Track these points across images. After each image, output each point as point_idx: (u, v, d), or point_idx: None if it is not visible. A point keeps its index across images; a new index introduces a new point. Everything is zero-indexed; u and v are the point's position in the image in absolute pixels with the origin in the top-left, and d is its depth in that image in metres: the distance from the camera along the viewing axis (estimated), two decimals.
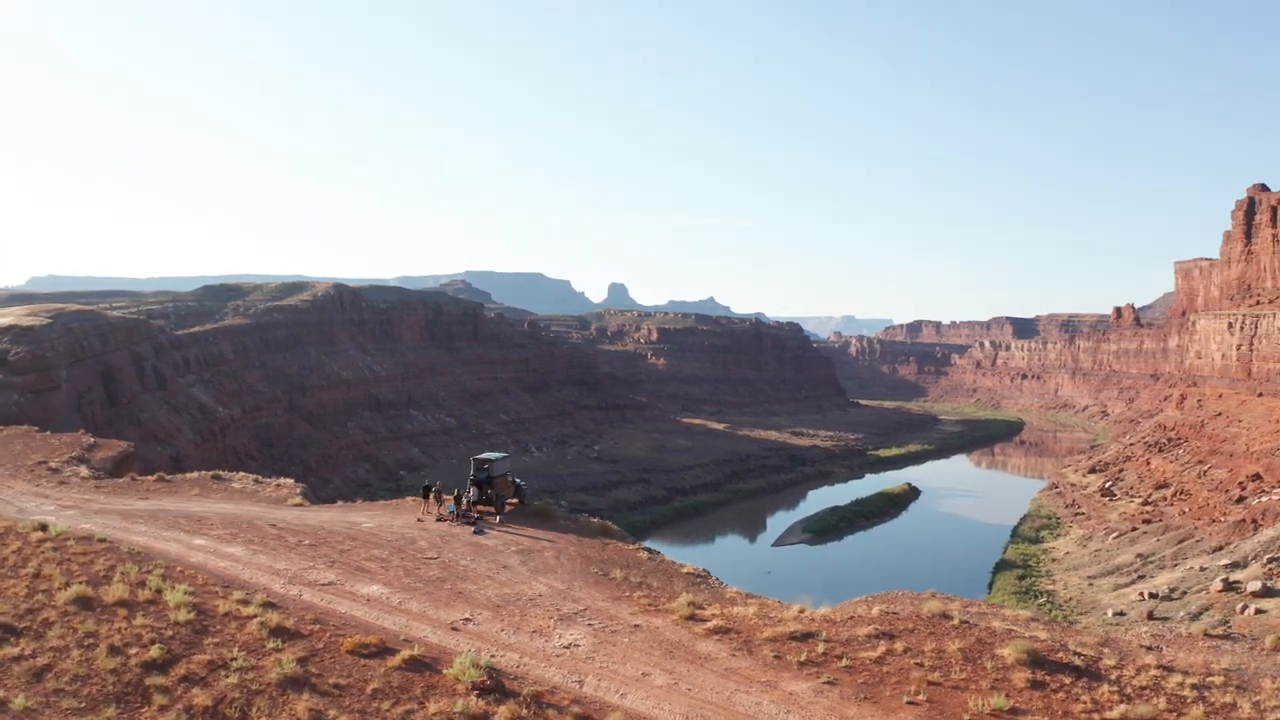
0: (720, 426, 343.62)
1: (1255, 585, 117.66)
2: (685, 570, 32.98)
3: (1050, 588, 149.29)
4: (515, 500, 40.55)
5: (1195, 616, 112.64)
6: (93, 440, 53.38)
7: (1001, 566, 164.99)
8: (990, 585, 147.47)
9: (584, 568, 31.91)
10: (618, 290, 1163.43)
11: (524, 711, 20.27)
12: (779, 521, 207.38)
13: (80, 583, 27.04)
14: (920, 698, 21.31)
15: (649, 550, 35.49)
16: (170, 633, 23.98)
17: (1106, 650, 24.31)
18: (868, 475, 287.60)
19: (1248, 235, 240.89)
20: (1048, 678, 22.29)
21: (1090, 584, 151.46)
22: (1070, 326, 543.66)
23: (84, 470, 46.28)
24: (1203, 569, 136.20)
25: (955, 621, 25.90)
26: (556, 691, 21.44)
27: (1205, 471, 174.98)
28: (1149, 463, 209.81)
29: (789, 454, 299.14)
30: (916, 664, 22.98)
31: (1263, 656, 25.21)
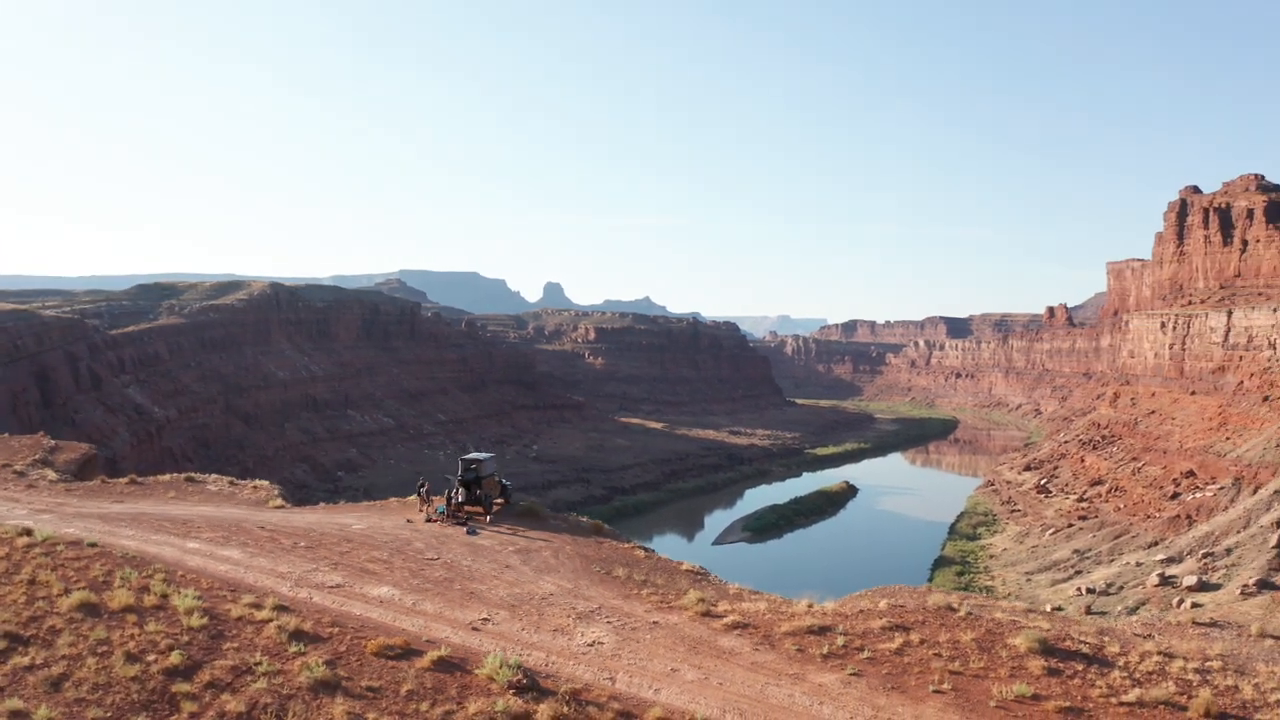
0: (658, 426, 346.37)
1: (1191, 580, 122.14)
2: (685, 568, 33.38)
3: (989, 584, 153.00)
4: (501, 500, 40.51)
5: (1132, 611, 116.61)
6: (54, 443, 51.75)
7: (940, 563, 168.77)
8: (930, 582, 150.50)
9: (586, 566, 32.08)
10: (553, 289, 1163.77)
11: (565, 709, 20.41)
12: (718, 520, 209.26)
13: (80, 589, 26.35)
14: (945, 686, 21.98)
15: (644, 548, 35.80)
16: (186, 638, 23.54)
17: (1107, 639, 25.33)
18: (805, 474, 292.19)
19: (1180, 237, 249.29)
20: (1061, 665, 23.17)
21: (1028, 579, 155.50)
22: (1003, 326, 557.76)
23: (50, 473, 44.87)
24: (1139, 564, 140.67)
25: (962, 613, 26.72)
26: (591, 689, 21.61)
27: (1139, 468, 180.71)
28: (1084, 460, 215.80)
29: (727, 453, 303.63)
30: (935, 654, 23.68)
31: (1251, 642, 26.52)
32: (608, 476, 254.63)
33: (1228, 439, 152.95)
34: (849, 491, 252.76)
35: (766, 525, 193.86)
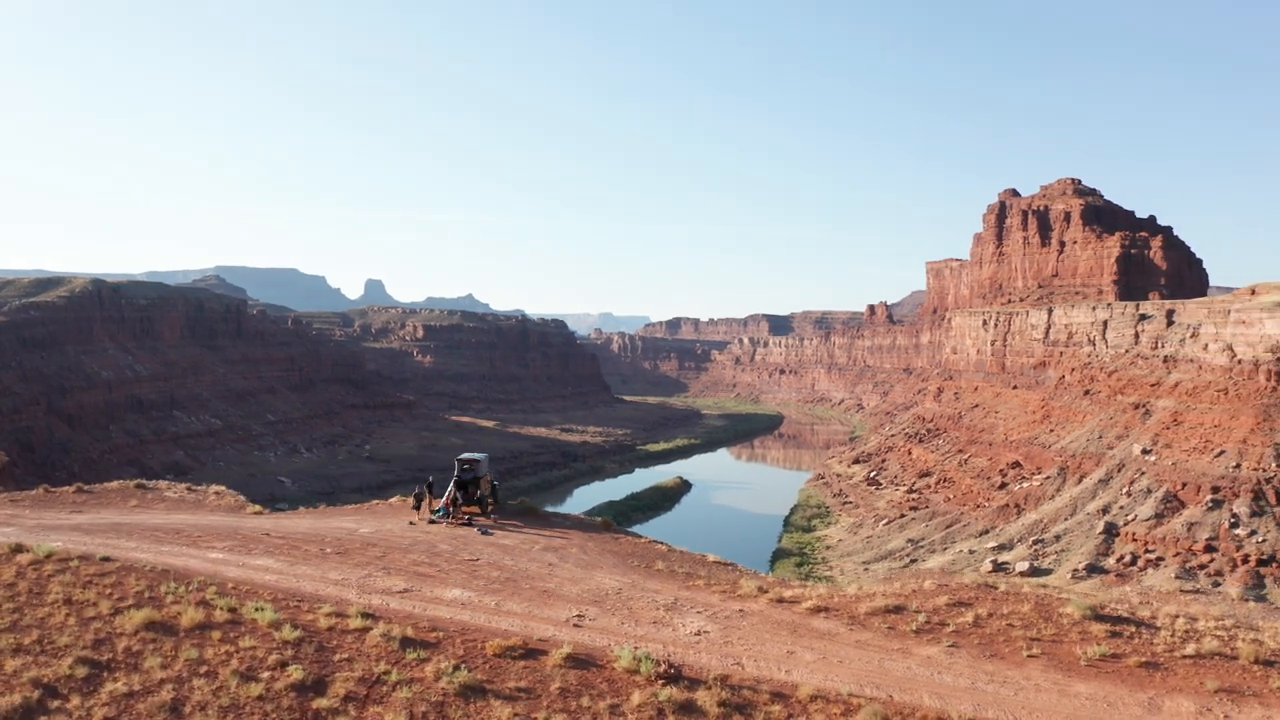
0: (490, 424, 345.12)
1: (1023, 565, 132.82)
2: (711, 559, 34.37)
3: (828, 574, 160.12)
4: (492, 500, 40.10)
5: None
6: None
7: (779, 555, 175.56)
8: (771, 573, 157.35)
9: (623, 561, 32.51)
10: (375, 286, 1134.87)
11: (724, 694, 21.05)
12: None
13: (136, 607, 24.54)
14: (1035, 651, 24.09)
15: (659, 542, 36.49)
16: (291, 653, 22.50)
17: (1139, 605, 28.36)
18: (638, 470, 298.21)
19: (999, 238, 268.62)
20: (1118, 628, 25.81)
21: (865, 569, 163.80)
22: (824, 323, 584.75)
23: None
24: (971, 552, 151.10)
25: (1002, 589, 29.12)
26: (730, 675, 22.29)
27: (966, 460, 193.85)
28: (911, 453, 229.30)
29: (560, 450, 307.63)
30: (1009, 625, 25.82)
31: (1236, 604, 30.35)
32: (443, 476, 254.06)
33: (1051, 431, 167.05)
34: (683, 487, 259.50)
35: None
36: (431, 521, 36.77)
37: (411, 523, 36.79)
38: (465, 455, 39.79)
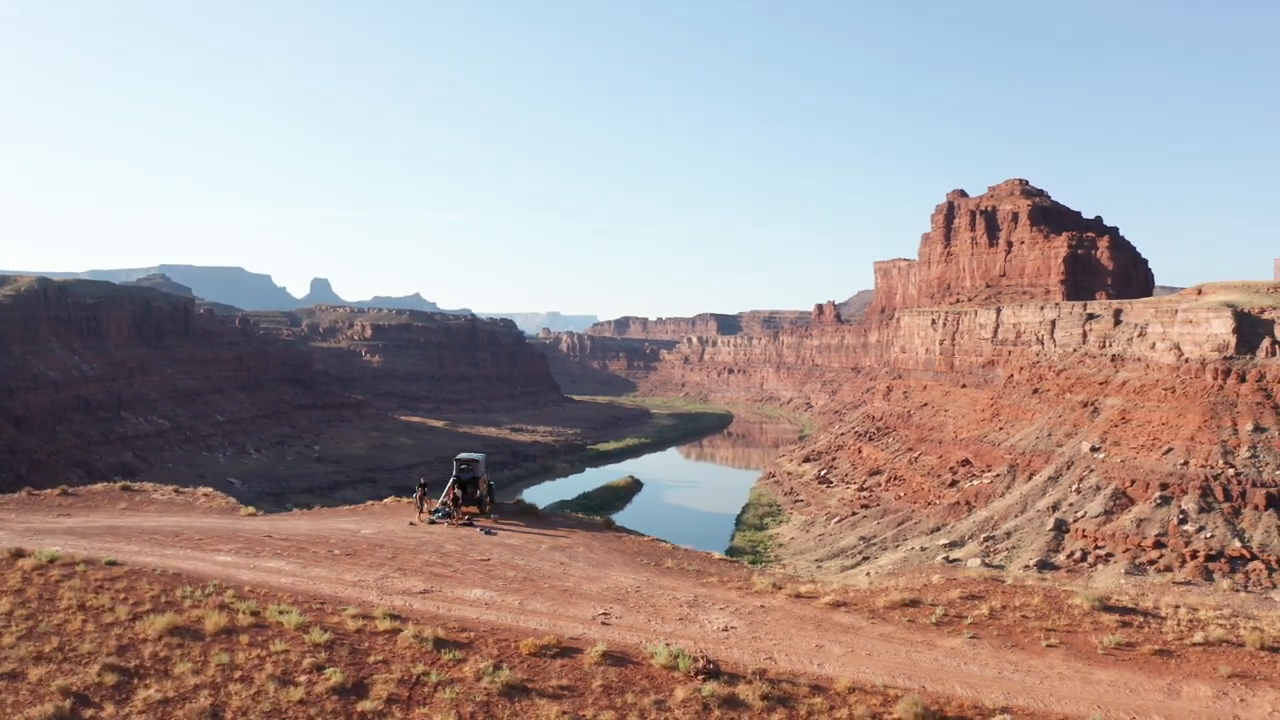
0: (440, 424, 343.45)
1: (974, 562, 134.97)
2: (717, 556, 34.66)
3: (782, 571, 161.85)
4: (489, 500, 39.91)
5: None
6: None
7: (732, 553, 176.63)
8: None
9: (632, 559, 32.65)
10: (321, 285, 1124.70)
11: (764, 687, 21.31)
12: None
13: (155, 613, 24.04)
14: (1054, 641, 24.78)
15: (662, 541, 36.67)
16: (324, 655, 22.27)
17: (1140, 596, 29.30)
18: (589, 469, 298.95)
19: (947, 238, 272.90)
20: (1127, 618, 26.67)
21: (818, 566, 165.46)
22: (772, 323, 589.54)
23: None
24: (923, 549, 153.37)
25: (1009, 582, 29.87)
26: (767, 670, 22.56)
27: (916, 458, 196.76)
28: (861, 451, 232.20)
29: (511, 449, 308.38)
30: (1023, 616, 26.51)
31: (1229, 594, 31.49)
32: (393, 476, 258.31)
33: (1001, 429, 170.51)
34: (635, 486, 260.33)
35: None
36: (432, 522, 36.49)
37: (412, 523, 36.49)
38: (463, 455, 39.57)
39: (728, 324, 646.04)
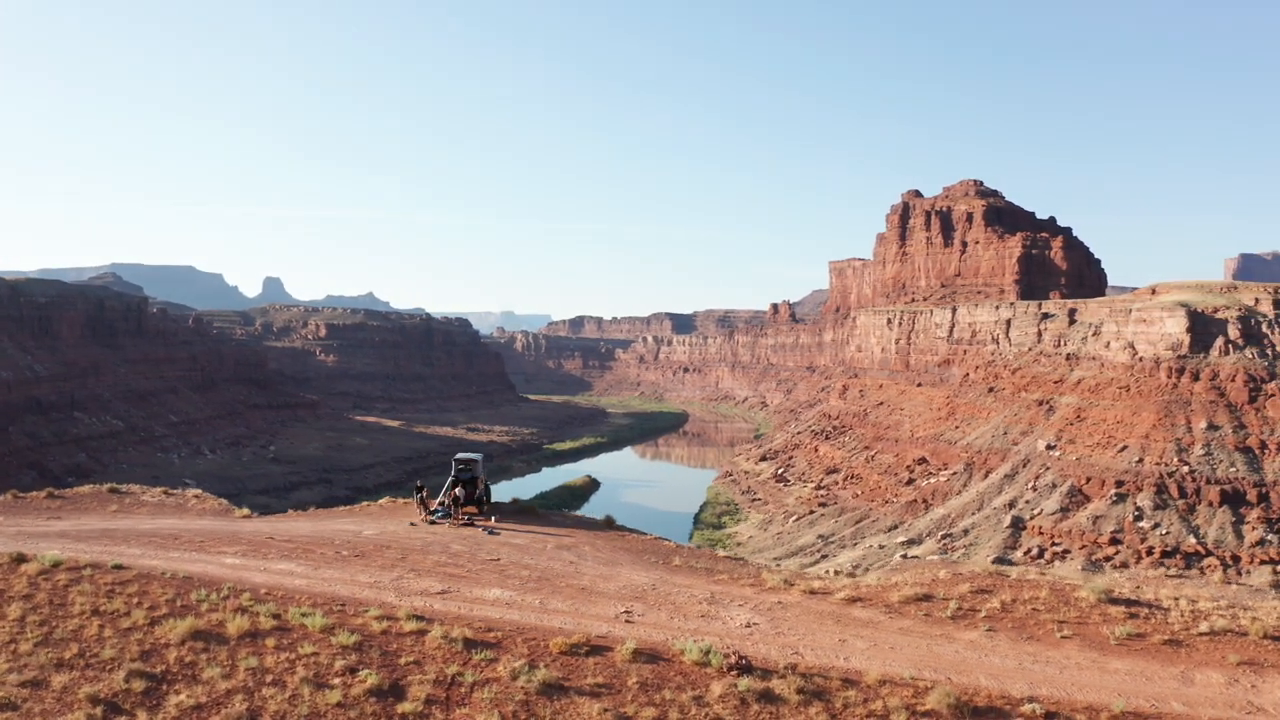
0: (395, 424, 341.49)
1: (933, 559, 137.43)
2: (721, 554, 34.89)
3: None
4: (486, 500, 39.72)
5: None
6: None
7: None
8: None
9: (639, 557, 32.77)
10: (273, 284, 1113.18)
11: (798, 682, 21.56)
12: None
13: (174, 616, 23.61)
14: (1067, 632, 25.39)
15: (663, 539, 36.82)
16: (355, 658, 22.08)
17: (1141, 588, 30.11)
18: (545, 469, 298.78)
19: (902, 238, 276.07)
20: (1134, 610, 27.41)
21: (777, 565, 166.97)
22: (727, 322, 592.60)
23: None
24: (881, 546, 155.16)
25: (1013, 577, 30.52)
26: (796, 665, 22.83)
27: (873, 456, 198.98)
28: (818, 450, 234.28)
29: (467, 449, 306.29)
30: (1034, 609, 27.11)
31: (1221, 586, 32.45)
32: (350, 476, 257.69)
33: (957, 427, 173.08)
34: (592, 485, 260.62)
35: None
36: (432, 523, 36.25)
37: (413, 524, 36.23)
38: (462, 455, 39.37)
39: (683, 323, 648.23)
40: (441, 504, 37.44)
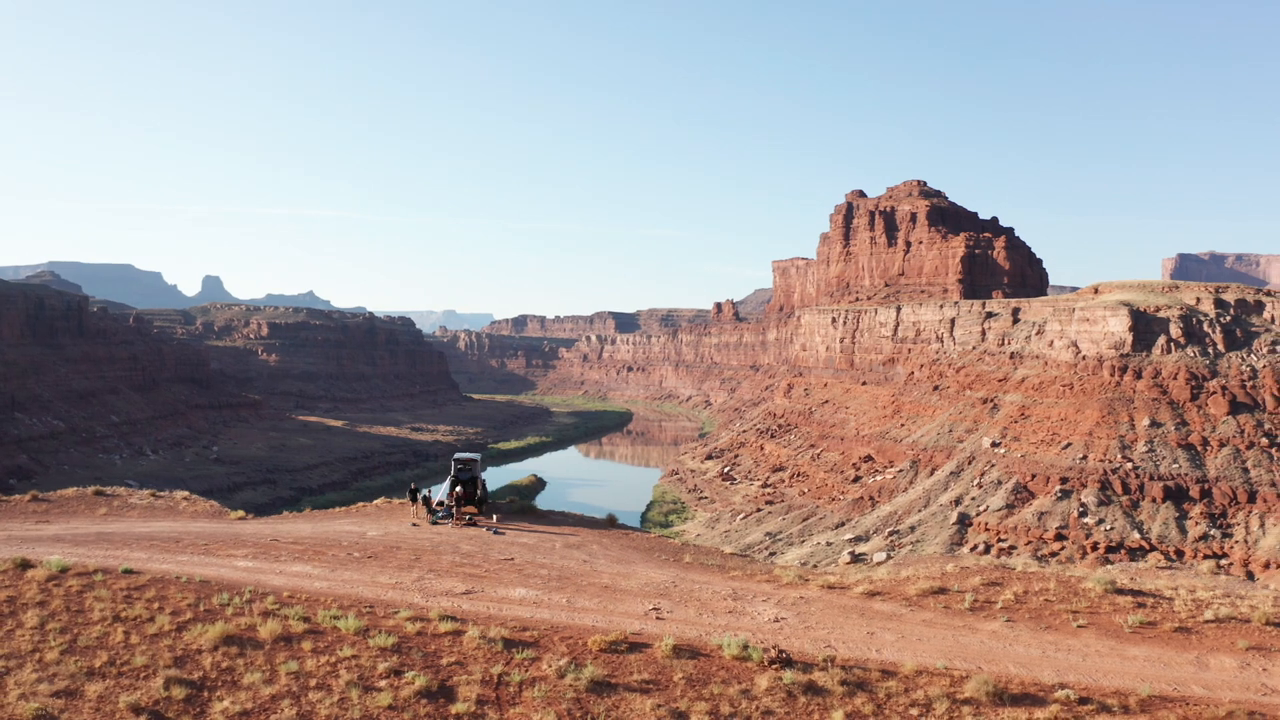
0: (339, 424, 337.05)
1: (880, 556, 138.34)
2: (727, 551, 35.15)
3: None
4: (485, 500, 39.49)
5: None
6: None
7: None
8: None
9: (650, 555, 32.90)
10: (213, 283, 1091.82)
11: (840, 674, 21.92)
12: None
13: (201, 621, 23.10)
14: (1082, 621, 26.20)
15: (667, 537, 36.95)
16: (396, 659, 21.87)
17: (1143, 578, 31.14)
18: (491, 468, 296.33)
19: (846, 237, 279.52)
20: (1140, 599, 28.37)
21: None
22: (670, 321, 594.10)
23: None
24: (829, 544, 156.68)
25: (1018, 570, 31.34)
26: (833, 658, 23.20)
27: (819, 454, 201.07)
28: (763, 448, 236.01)
29: (412, 449, 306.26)
30: (1047, 600, 27.91)
31: (1211, 576, 33.69)
32: (294, 477, 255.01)
33: (902, 425, 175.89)
34: (538, 484, 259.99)
35: None
36: (434, 523, 35.90)
37: (414, 524, 35.84)
38: (460, 455, 39.07)
39: (626, 322, 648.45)
40: (443, 504, 37.11)
